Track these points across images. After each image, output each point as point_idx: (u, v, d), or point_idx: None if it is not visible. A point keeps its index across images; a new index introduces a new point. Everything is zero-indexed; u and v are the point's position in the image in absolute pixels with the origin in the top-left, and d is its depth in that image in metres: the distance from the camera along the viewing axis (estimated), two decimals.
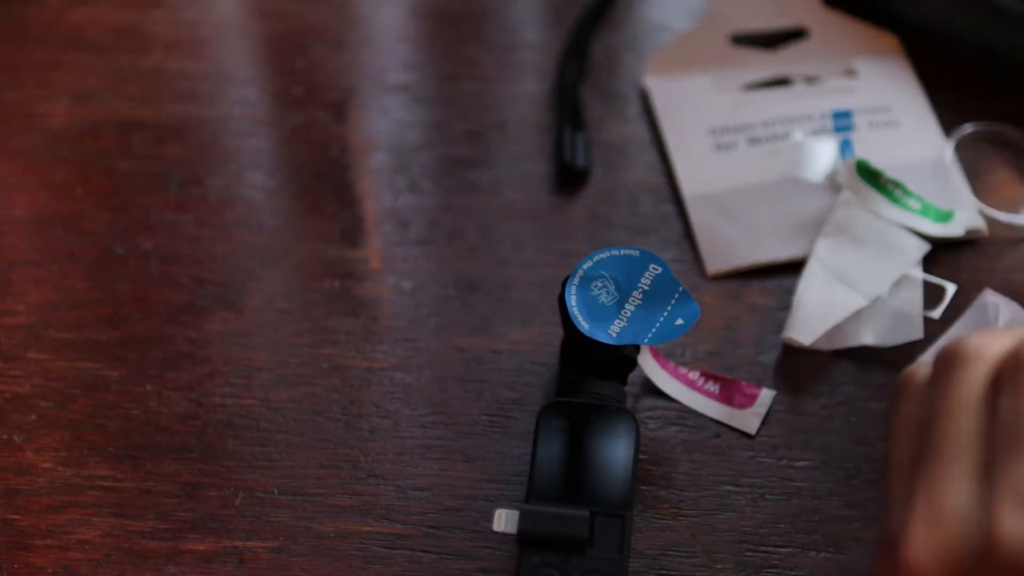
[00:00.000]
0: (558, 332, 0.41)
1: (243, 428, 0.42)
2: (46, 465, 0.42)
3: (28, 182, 0.50)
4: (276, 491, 0.41)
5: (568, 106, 0.51)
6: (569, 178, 0.49)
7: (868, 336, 0.43)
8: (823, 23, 0.53)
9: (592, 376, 0.40)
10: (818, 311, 0.43)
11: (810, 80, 0.52)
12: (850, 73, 0.52)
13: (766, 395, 0.42)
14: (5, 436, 0.43)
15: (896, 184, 0.46)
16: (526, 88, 0.53)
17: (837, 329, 0.43)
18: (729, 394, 0.42)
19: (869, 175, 0.46)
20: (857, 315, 0.43)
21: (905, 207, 0.46)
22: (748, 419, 0.42)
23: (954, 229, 0.46)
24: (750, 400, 0.42)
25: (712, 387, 0.43)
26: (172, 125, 0.51)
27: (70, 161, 0.50)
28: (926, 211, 0.46)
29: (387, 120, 0.52)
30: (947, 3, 0.51)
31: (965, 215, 0.46)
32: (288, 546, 0.40)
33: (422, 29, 0.56)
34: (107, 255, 0.47)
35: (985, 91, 0.51)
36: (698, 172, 0.49)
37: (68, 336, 0.45)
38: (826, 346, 0.43)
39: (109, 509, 0.41)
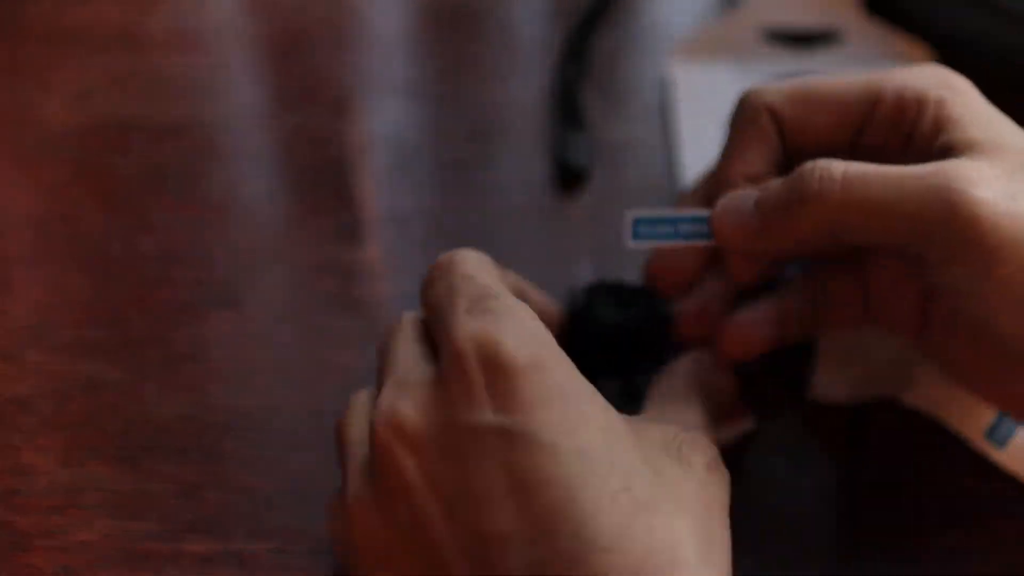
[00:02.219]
0: None
1: (243, 429, 0.42)
2: (45, 466, 0.42)
3: (26, 182, 0.50)
4: (276, 492, 0.41)
5: (568, 106, 0.51)
6: (569, 178, 0.49)
7: (900, 382, 0.42)
8: (860, 27, 0.53)
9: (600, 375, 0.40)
10: (843, 363, 0.42)
11: None
12: None
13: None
14: (4, 437, 0.42)
15: None
16: (526, 88, 0.53)
17: (865, 379, 0.42)
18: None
19: None
20: (886, 362, 0.42)
21: None
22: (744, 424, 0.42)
23: None
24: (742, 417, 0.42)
25: None
26: (171, 125, 0.51)
27: (68, 161, 0.50)
28: None
29: (387, 120, 0.52)
30: (979, 18, 0.51)
31: None
32: (288, 547, 0.39)
33: (422, 28, 0.55)
34: (106, 255, 0.47)
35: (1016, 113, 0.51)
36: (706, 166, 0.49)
37: (67, 337, 0.45)
38: (857, 398, 0.42)
39: (108, 510, 0.40)
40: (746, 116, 0.37)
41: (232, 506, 0.40)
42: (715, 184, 0.38)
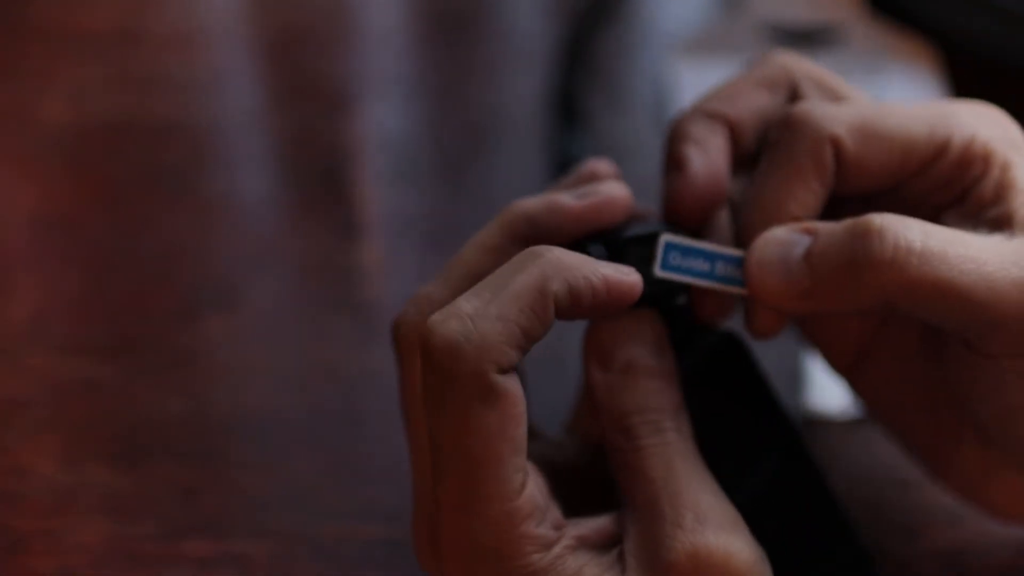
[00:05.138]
0: (557, 332, 0.41)
1: (242, 430, 0.42)
2: (43, 468, 0.41)
3: (24, 182, 0.50)
4: (275, 494, 0.41)
5: (568, 105, 0.51)
6: None
7: None
8: (862, 25, 0.53)
9: None
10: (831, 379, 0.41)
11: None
12: (879, 75, 0.51)
13: None
14: (1, 438, 0.42)
15: None
16: (526, 87, 0.52)
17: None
18: None
19: None
20: None
21: None
22: None
23: None
24: None
25: None
26: (170, 125, 0.51)
27: (67, 161, 0.50)
28: None
29: (387, 120, 0.52)
30: (980, 17, 0.50)
31: None
32: (288, 550, 0.39)
33: (422, 28, 0.55)
34: (104, 256, 0.47)
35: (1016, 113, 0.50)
36: None
37: (65, 338, 0.45)
38: (852, 412, 0.41)
39: (107, 513, 0.40)
40: (806, 145, 0.31)
41: (231, 507, 0.40)
42: (755, 218, 0.32)
